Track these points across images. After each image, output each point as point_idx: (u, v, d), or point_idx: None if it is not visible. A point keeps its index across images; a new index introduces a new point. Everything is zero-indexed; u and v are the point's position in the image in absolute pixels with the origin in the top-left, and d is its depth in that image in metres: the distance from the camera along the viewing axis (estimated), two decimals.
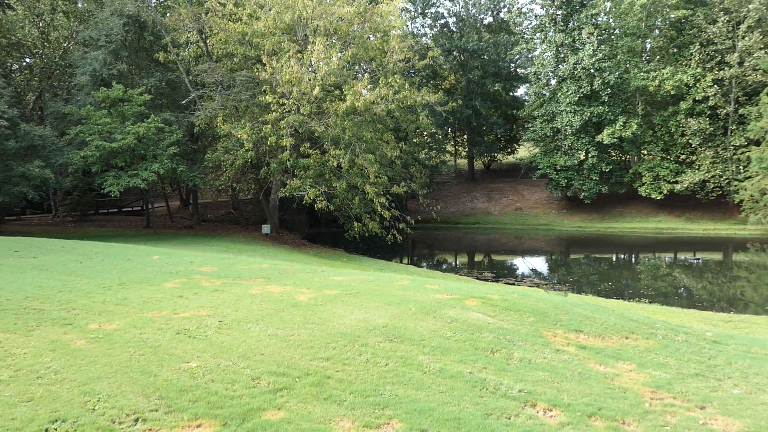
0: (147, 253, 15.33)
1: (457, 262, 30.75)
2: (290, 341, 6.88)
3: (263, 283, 10.58)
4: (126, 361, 6.12)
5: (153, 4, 32.78)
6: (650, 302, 17.47)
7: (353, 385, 5.64)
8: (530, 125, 43.86)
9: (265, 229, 31.32)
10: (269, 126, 26.06)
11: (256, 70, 27.67)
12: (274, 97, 25.82)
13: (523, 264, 28.87)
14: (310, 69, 27.83)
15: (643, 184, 38.36)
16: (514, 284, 20.45)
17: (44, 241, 18.14)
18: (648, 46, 40.72)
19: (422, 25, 52.96)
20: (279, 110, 25.96)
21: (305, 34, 28.18)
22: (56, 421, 4.72)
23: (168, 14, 33.99)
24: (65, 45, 38.83)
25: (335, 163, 26.27)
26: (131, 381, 5.59)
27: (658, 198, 37.61)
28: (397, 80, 26.58)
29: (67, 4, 36.63)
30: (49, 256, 14.06)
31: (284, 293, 9.64)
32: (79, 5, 37.20)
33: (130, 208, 45.52)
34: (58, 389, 5.36)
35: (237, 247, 24.90)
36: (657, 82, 36.04)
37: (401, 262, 29.61)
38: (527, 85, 49.03)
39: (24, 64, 42.06)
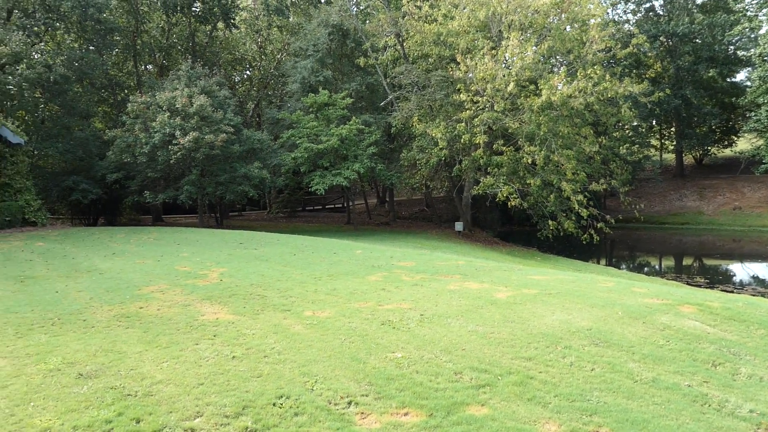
0: (350, 247, 16.32)
1: (663, 266, 28.39)
2: (490, 338, 6.89)
3: (461, 280, 10.72)
4: (338, 347, 6.57)
5: (354, 13, 34.70)
6: None
7: (558, 387, 5.48)
8: (753, 114, 38.90)
9: (458, 226, 31.65)
10: (463, 124, 26.27)
11: (450, 69, 28.03)
12: (468, 95, 25.97)
13: (744, 270, 25.79)
14: (504, 65, 27.53)
15: None
16: (732, 292, 18.37)
17: (262, 235, 20.16)
18: None
19: (624, 11, 49.70)
20: (473, 108, 26.04)
21: (499, 30, 27.92)
22: (281, 397, 5.21)
23: (368, 21, 35.82)
24: (278, 57, 42.77)
25: (530, 160, 25.68)
26: (343, 366, 5.99)
27: None
28: (597, 71, 25.22)
29: (280, 20, 40.25)
30: (267, 248, 15.60)
31: (482, 290, 9.67)
32: (291, 19, 40.65)
33: (333, 206, 48.82)
34: (282, 368, 5.92)
35: (431, 243, 25.47)
36: None
37: (598, 264, 28.10)
38: (749, 69, 43.60)
39: (245, 76, 47.06)
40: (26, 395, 5.22)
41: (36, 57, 26.09)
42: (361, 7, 39.68)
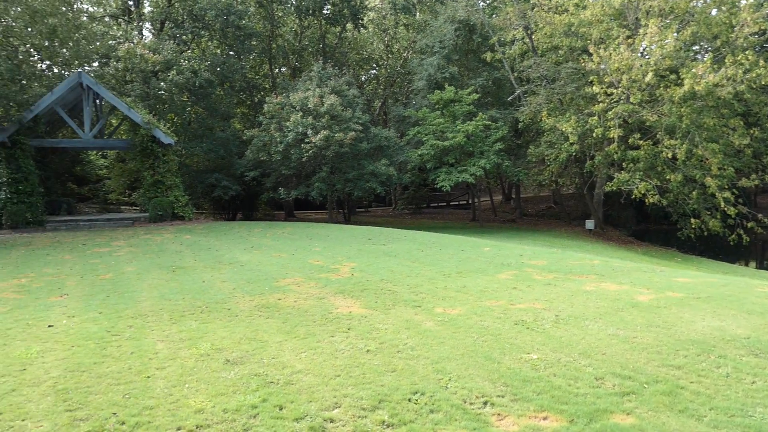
0: (477, 244, 16.14)
1: None
2: (633, 343, 6.50)
3: (596, 280, 10.24)
4: (470, 346, 6.50)
5: (481, 7, 34.28)
6: None
7: (713, 400, 5.05)
8: None
9: (589, 224, 30.34)
10: (595, 118, 25.09)
11: (582, 60, 26.86)
12: (601, 87, 24.75)
13: None
14: (642, 54, 25.94)
15: None
16: None
17: (389, 231, 20.47)
18: None
19: None
20: (606, 101, 24.79)
21: (636, 18, 26.33)
22: (416, 392, 5.23)
23: (494, 15, 35.22)
24: (405, 55, 43.20)
25: (669, 155, 24.02)
26: (477, 365, 5.91)
27: None
28: (749, 57, 23.07)
29: (407, 18, 40.64)
30: (395, 244, 15.81)
31: (621, 292, 9.17)
32: (417, 17, 40.91)
33: (457, 202, 48.60)
34: (415, 364, 5.95)
35: (560, 242, 24.62)
36: None
37: (747, 266, 25.76)
38: None
39: (371, 75, 48.03)
40: (181, 377, 5.63)
41: (184, 63, 28.19)
42: (488, 2, 39.09)
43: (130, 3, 35.76)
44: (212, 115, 31.77)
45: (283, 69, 42.18)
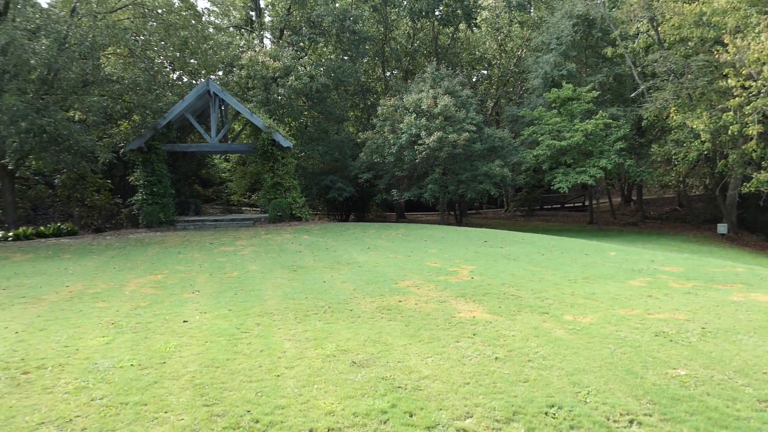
0: (601, 248, 15.32)
1: None
2: None
3: (744, 290, 9.33)
4: (607, 357, 6.07)
5: (601, 1, 32.74)
6: None
7: None
8: None
9: (721, 228, 28.08)
10: (731, 113, 23.16)
11: (715, 52, 24.90)
12: (738, 81, 22.80)
13: None
14: None
15: None
16: None
17: (505, 233, 19.95)
18: None
19: None
20: (743, 95, 22.80)
21: None
22: (553, 406, 4.92)
23: (615, 8, 33.52)
24: (518, 53, 42.19)
25: None
26: (617, 379, 5.49)
27: None
28: None
29: (521, 15, 39.67)
30: (513, 247, 15.34)
31: None
32: (532, 14, 39.82)
33: (572, 204, 46.79)
34: (548, 375, 5.62)
35: (689, 247, 22.95)
36: None
37: None
38: None
39: (484, 75, 47.35)
40: (309, 378, 5.65)
41: (301, 69, 29.08)
42: None
43: (252, 14, 37.48)
44: (327, 118, 32.54)
45: (395, 71, 42.50)
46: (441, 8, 36.52)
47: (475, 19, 38.25)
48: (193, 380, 5.60)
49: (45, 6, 22.53)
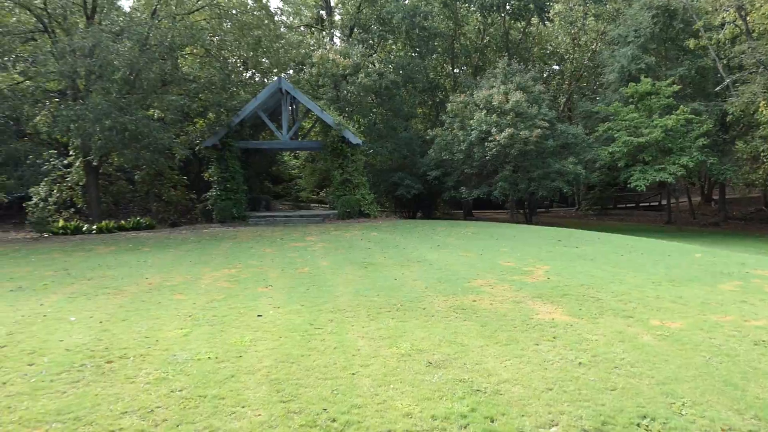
0: (684, 250, 14.56)
1: None
2: None
3: None
4: (702, 367, 5.67)
5: None
6: None
7: None
8: None
9: None
10: None
11: None
12: None
13: None
14: None
15: None
16: None
17: (579, 233, 19.31)
18: None
19: None
20: None
21: None
22: (645, 417, 4.61)
23: None
24: (593, 47, 40.87)
25: None
26: (714, 390, 5.10)
27: None
28: None
29: (597, 7, 38.38)
30: (589, 247, 14.79)
31: None
32: (608, 6, 38.46)
33: (648, 204, 44.95)
34: (637, 383, 5.29)
35: None
36: None
37: None
38: None
39: (556, 69, 46.15)
40: (385, 377, 5.52)
41: (370, 67, 29.12)
42: None
43: (322, 12, 37.85)
44: (396, 115, 32.46)
45: (465, 68, 41.99)
46: (512, 2, 35.79)
47: (548, 12, 37.31)
48: (269, 375, 5.58)
49: (128, 9, 23.47)
